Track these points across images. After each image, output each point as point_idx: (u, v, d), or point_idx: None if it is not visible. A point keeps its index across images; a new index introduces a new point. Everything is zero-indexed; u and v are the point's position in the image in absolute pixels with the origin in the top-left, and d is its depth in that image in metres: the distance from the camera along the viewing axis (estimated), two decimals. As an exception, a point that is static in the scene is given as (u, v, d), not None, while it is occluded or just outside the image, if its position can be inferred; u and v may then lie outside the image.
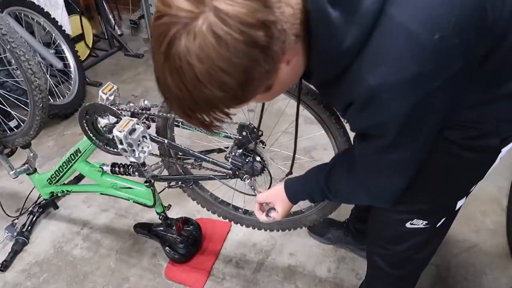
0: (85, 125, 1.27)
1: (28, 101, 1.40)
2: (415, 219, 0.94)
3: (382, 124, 0.67)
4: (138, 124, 1.15)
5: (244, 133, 1.17)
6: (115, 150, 1.29)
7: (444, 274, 1.55)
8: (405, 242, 1.01)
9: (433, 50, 0.58)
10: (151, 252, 1.69)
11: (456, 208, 0.95)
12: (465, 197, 0.94)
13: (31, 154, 1.64)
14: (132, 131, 1.14)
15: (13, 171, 1.60)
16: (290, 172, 1.19)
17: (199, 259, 1.64)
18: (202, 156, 1.29)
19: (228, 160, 1.24)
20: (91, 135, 1.30)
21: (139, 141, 1.17)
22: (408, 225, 0.95)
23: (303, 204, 1.42)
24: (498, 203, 1.84)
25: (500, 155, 0.83)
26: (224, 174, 1.31)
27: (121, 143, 1.13)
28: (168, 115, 1.23)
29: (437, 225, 0.96)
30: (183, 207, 1.89)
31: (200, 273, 1.59)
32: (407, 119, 0.65)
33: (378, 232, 1.09)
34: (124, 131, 1.10)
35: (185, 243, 1.60)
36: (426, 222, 0.94)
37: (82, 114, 1.25)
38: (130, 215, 1.87)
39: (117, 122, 1.21)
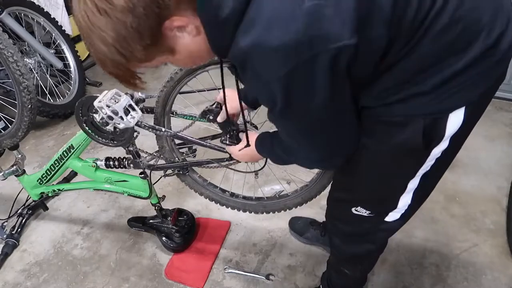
0: (85, 125, 1.28)
1: (16, 102, 1.40)
2: (359, 207, 0.99)
3: (263, 91, 0.69)
4: (120, 94, 1.17)
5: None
6: (122, 140, 1.30)
7: (444, 274, 1.55)
8: (351, 224, 1.07)
9: (303, 21, 0.58)
10: (151, 252, 1.69)
11: (399, 205, 0.95)
12: (407, 196, 0.93)
13: (20, 156, 1.62)
14: (116, 100, 1.16)
15: (1, 173, 1.58)
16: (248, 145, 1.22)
17: (199, 259, 1.64)
18: (200, 141, 1.33)
19: (224, 144, 1.28)
20: (93, 133, 1.30)
21: (126, 109, 1.19)
22: (353, 210, 1.00)
23: (290, 189, 1.44)
24: (498, 203, 1.84)
25: (433, 154, 0.81)
26: (222, 157, 1.35)
27: (103, 112, 1.15)
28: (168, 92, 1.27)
29: (385, 219, 1.00)
30: (182, 206, 1.88)
31: (200, 273, 1.58)
32: (286, 89, 0.65)
33: (331, 210, 1.16)
34: (102, 100, 1.13)
35: (181, 232, 1.63)
36: (369, 212, 0.99)
37: (78, 114, 1.26)
38: (130, 215, 1.87)
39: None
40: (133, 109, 1.21)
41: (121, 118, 1.17)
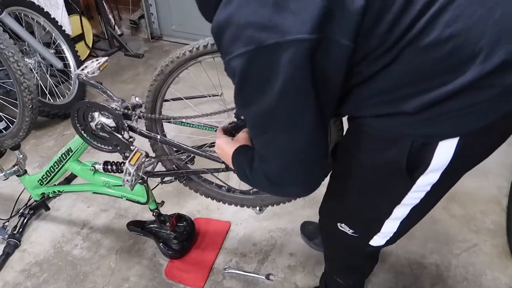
0: (76, 113, 1.25)
1: (17, 102, 1.40)
2: (343, 224, 0.98)
3: (227, 66, 0.67)
4: (144, 158, 1.20)
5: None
6: (88, 139, 1.30)
7: (444, 274, 1.56)
8: (338, 239, 1.06)
9: (269, 8, 0.59)
10: (151, 252, 1.69)
11: (383, 229, 0.92)
12: (393, 222, 0.90)
13: (21, 156, 1.62)
14: (140, 165, 1.19)
15: (3, 173, 1.57)
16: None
17: (199, 259, 1.64)
18: (196, 150, 1.31)
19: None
20: (76, 122, 1.28)
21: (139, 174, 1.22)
22: (339, 226, 1.00)
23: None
24: (498, 203, 1.84)
25: (419, 185, 0.77)
26: (218, 168, 1.32)
27: (129, 174, 1.17)
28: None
29: (370, 242, 0.98)
30: (182, 207, 1.89)
31: (200, 273, 1.59)
32: (244, 68, 0.63)
33: (321, 221, 1.15)
34: (135, 165, 1.16)
35: (179, 238, 1.62)
36: (353, 231, 0.97)
37: (83, 105, 1.24)
38: (130, 215, 1.87)
39: (115, 127, 1.22)
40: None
41: (132, 185, 1.20)
